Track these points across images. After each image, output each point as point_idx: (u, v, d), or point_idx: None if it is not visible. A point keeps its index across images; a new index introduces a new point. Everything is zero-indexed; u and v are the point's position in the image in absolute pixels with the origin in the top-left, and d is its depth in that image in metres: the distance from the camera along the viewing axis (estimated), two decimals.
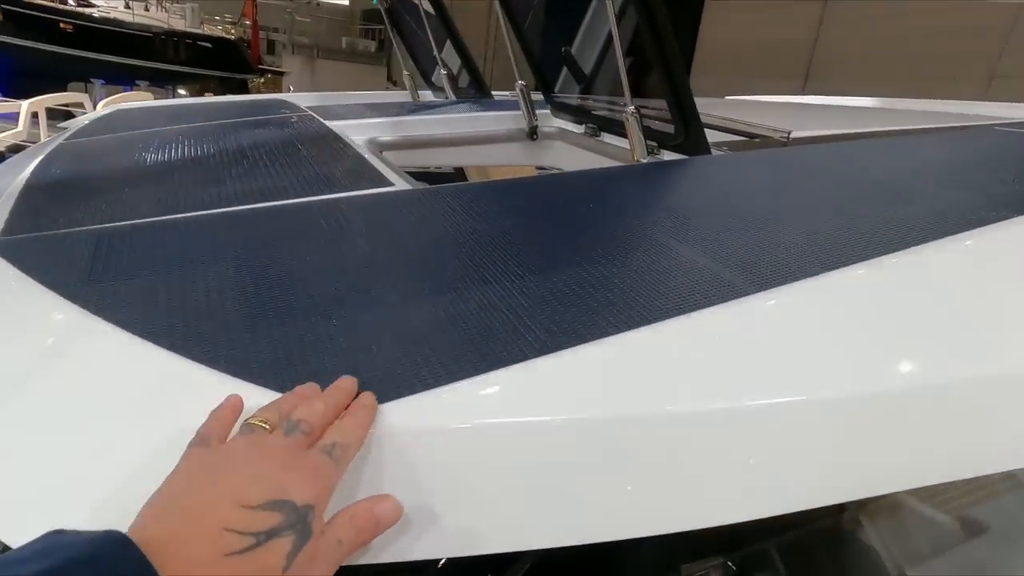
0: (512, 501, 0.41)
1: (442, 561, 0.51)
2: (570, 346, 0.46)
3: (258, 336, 0.49)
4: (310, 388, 0.43)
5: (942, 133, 1.28)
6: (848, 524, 0.65)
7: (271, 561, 0.32)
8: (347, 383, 0.43)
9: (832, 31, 5.88)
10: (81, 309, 0.53)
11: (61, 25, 11.30)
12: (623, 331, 0.48)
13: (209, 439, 0.38)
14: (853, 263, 0.57)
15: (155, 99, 3.28)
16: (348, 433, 0.39)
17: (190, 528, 0.32)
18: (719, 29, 6.63)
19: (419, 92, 2.46)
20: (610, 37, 1.08)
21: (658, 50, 0.99)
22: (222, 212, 0.79)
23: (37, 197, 0.95)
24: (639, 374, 0.45)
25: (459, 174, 2.04)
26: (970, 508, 0.68)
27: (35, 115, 3.80)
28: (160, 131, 1.42)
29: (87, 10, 12.15)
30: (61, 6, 11.61)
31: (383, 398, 0.43)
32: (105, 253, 0.64)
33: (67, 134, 1.53)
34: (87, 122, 1.68)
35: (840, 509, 0.66)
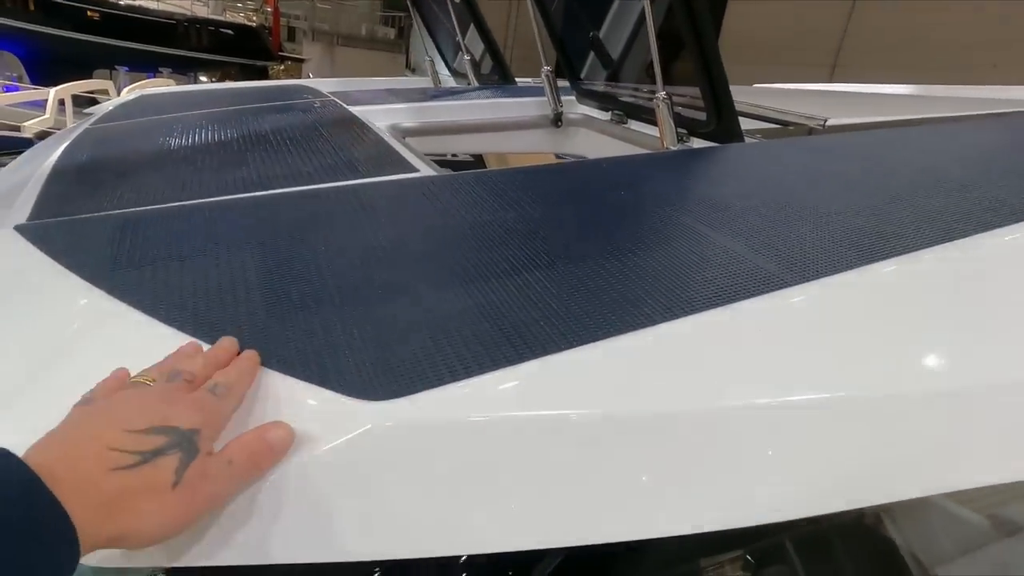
0: (539, 498, 0.39)
1: (463, 558, 0.49)
2: (601, 339, 0.44)
3: (283, 324, 0.48)
4: (191, 346, 0.45)
5: (984, 119, 1.23)
6: (868, 518, 0.63)
7: (159, 476, 0.33)
8: (227, 342, 0.44)
9: (864, 19, 5.75)
10: (106, 294, 0.52)
11: (88, 13, 11.44)
12: (657, 323, 0.46)
13: (93, 398, 0.38)
14: (898, 255, 0.54)
15: (177, 85, 3.30)
16: (231, 375, 0.40)
17: (77, 451, 0.32)
18: (744, 18, 6.52)
19: (440, 78, 2.44)
20: (640, 20, 1.05)
21: (692, 31, 0.96)
22: (247, 197, 0.78)
23: (64, 182, 0.95)
24: (671, 368, 0.43)
25: (478, 162, 2.02)
26: (998, 507, 0.65)
27: (62, 102, 3.86)
28: (184, 116, 1.42)
29: None
30: None
31: (407, 391, 0.41)
32: (130, 238, 0.63)
33: (92, 120, 1.53)
34: (112, 108, 1.68)
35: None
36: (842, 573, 0.61)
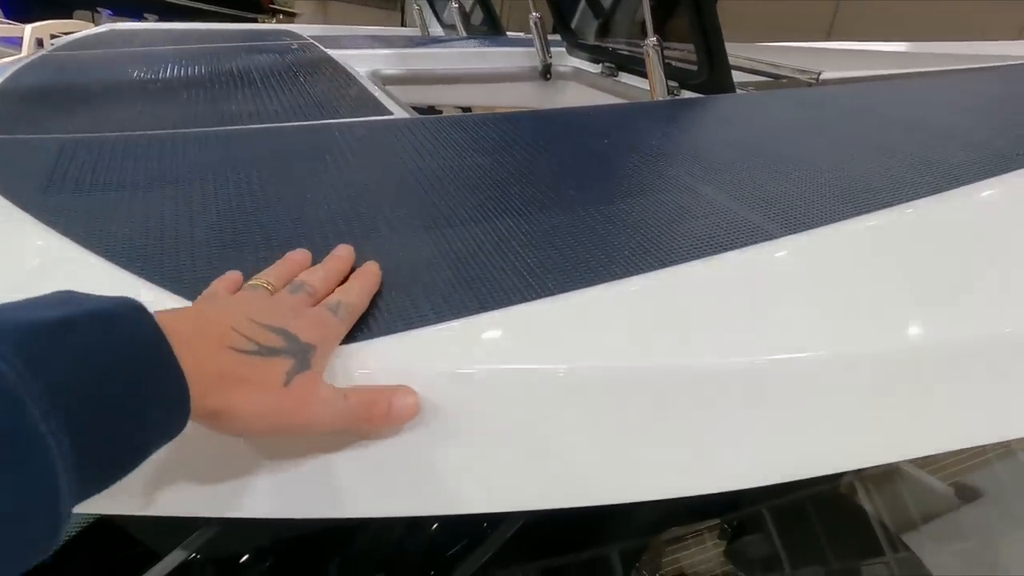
0: (502, 457, 0.37)
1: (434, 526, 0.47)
2: (575, 288, 0.41)
3: (230, 261, 0.44)
4: (301, 254, 0.43)
5: (976, 72, 1.20)
6: (843, 488, 0.62)
7: (270, 372, 0.33)
8: (344, 251, 0.44)
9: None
10: (33, 217, 0.48)
11: None
12: (636, 274, 0.43)
13: (216, 293, 0.39)
14: (888, 206, 0.52)
15: None
16: (352, 294, 0.39)
17: (201, 322, 0.33)
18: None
19: (429, 29, 2.36)
20: None
21: None
22: (203, 131, 0.73)
23: (5, 102, 0.89)
24: (650, 322, 0.40)
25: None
26: (964, 475, 0.64)
27: (40, 41, 3.70)
28: (153, 50, 1.35)
29: None
30: None
31: (368, 335, 0.38)
32: (68, 162, 0.59)
33: (54, 47, 1.45)
34: (78, 37, 1.61)
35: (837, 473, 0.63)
36: (816, 541, 0.60)
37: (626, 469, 0.38)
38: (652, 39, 0.99)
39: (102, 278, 0.42)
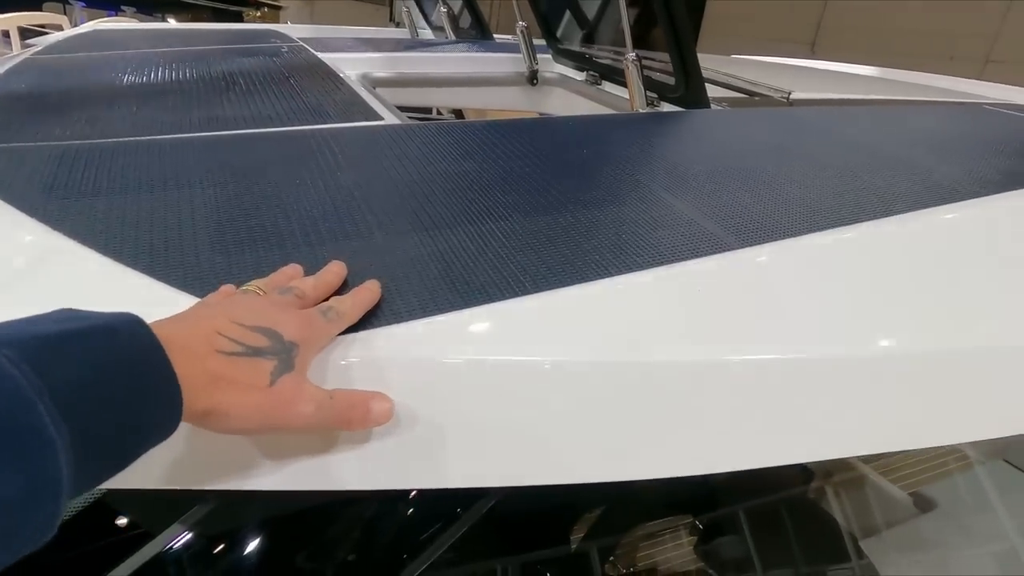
0: (478, 437, 0.41)
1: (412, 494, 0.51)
2: (548, 288, 0.46)
3: (228, 260, 0.48)
4: (293, 268, 0.45)
5: (937, 107, 1.26)
6: (813, 494, 0.66)
7: (255, 372, 0.35)
8: (337, 267, 0.45)
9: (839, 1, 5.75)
10: (39, 222, 0.51)
11: None
12: (604, 276, 0.47)
13: (207, 302, 0.41)
14: (839, 225, 0.57)
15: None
16: (345, 303, 0.41)
17: (189, 329, 0.34)
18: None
19: (419, 31, 2.39)
20: None
21: None
22: (197, 136, 0.76)
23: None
24: (615, 319, 0.45)
25: (459, 119, 2.00)
26: (923, 485, 0.69)
27: (6, 33, 3.54)
28: (140, 53, 1.37)
29: None
30: None
31: (357, 327, 0.41)
32: (68, 170, 0.62)
33: (37, 49, 1.46)
34: (60, 39, 1.61)
35: (807, 479, 0.67)
36: (785, 542, 0.64)
37: (590, 451, 0.42)
38: (631, 54, 1.04)
39: (109, 277, 0.46)
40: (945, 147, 0.85)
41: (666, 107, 1.09)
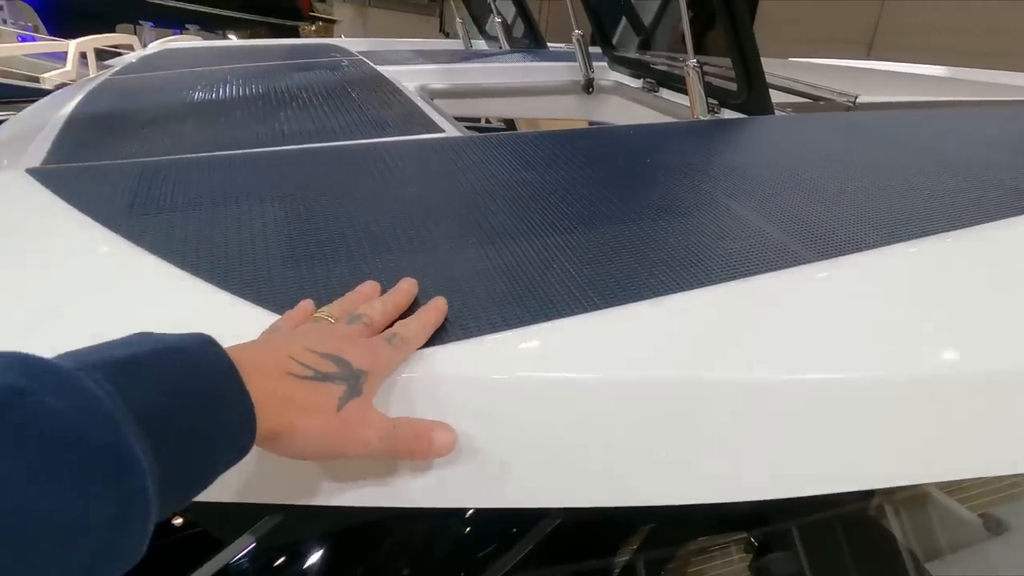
0: (544, 457, 0.40)
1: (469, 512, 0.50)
2: (619, 304, 0.45)
3: (299, 273, 0.49)
4: (370, 287, 0.46)
5: (1015, 107, 1.20)
6: (872, 510, 0.63)
7: (325, 396, 0.35)
8: (408, 285, 0.46)
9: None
10: (122, 238, 0.53)
11: None
12: (675, 292, 0.46)
13: (279, 327, 0.42)
14: (919, 237, 0.54)
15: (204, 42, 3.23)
16: (410, 328, 0.41)
17: (263, 352, 0.36)
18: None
19: (472, 41, 2.41)
20: None
21: (723, 1, 0.94)
22: (269, 151, 0.79)
23: (81, 129, 0.95)
24: (688, 337, 0.43)
25: (510, 128, 2.01)
26: (994, 507, 0.65)
27: (84, 55, 3.73)
28: (208, 70, 1.42)
29: None
30: None
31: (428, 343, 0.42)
32: (149, 186, 0.64)
33: (113, 71, 1.53)
34: (134, 60, 1.69)
35: (867, 495, 0.64)
36: (842, 562, 0.61)
37: (660, 473, 0.41)
38: (692, 60, 1.02)
39: (186, 292, 0.47)
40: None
41: (727, 113, 1.07)
